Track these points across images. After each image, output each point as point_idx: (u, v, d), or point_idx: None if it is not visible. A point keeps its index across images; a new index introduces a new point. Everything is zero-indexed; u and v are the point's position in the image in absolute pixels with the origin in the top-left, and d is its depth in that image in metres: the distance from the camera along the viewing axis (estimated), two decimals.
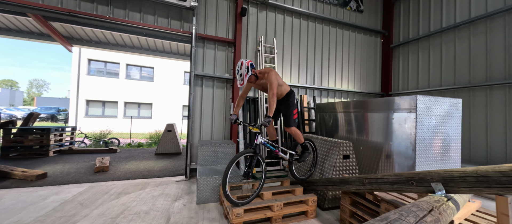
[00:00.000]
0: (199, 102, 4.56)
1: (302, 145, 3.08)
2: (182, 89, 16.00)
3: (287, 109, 2.91)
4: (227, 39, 4.66)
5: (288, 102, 2.91)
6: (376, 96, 6.48)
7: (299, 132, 2.97)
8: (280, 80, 2.82)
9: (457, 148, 2.92)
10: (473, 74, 4.61)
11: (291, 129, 2.87)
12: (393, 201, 2.00)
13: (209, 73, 4.58)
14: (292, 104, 2.93)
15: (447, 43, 5.11)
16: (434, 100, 2.76)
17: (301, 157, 3.03)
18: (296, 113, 3.01)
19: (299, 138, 2.98)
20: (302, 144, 3.06)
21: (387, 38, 6.44)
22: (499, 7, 4.24)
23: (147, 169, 4.89)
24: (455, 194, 1.59)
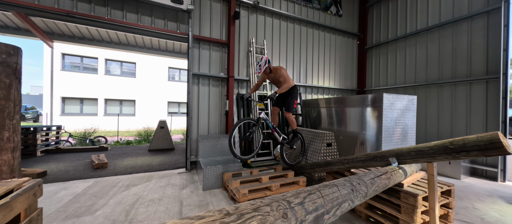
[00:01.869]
0: (196, 99, 4.87)
1: (294, 131, 3.80)
2: (167, 85, 15.75)
3: (290, 99, 3.70)
4: (221, 40, 4.99)
5: (292, 94, 3.72)
6: (353, 92, 7.30)
7: (294, 120, 3.72)
8: (288, 76, 3.72)
9: (412, 134, 3.71)
10: (429, 74, 5.55)
11: (289, 114, 3.65)
12: None
13: (205, 72, 4.90)
14: (295, 96, 3.74)
15: (410, 47, 6.01)
16: (396, 97, 3.48)
17: (291, 141, 3.77)
18: (297, 104, 3.78)
19: (292, 124, 3.71)
20: (294, 130, 3.78)
21: (363, 40, 7.24)
22: (449, 18, 5.15)
23: (146, 164, 5.12)
24: (405, 165, 2.24)
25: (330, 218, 0.91)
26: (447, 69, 5.19)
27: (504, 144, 1.47)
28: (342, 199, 1.00)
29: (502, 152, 1.48)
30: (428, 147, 1.88)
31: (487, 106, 4.48)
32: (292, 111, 3.71)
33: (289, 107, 3.70)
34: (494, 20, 4.40)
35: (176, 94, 16.01)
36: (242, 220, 0.61)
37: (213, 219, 0.56)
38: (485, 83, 4.53)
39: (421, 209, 2.08)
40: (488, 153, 1.54)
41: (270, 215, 0.69)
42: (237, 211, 0.66)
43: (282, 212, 0.73)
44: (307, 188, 1.00)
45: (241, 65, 5.34)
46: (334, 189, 1.05)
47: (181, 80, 16.54)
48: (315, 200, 0.87)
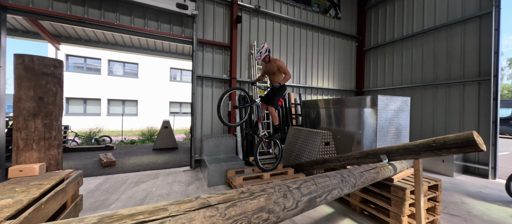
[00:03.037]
0: (200, 100, 5.08)
1: (276, 126, 3.91)
2: (169, 86, 15.97)
3: (278, 95, 3.71)
4: (224, 43, 5.20)
5: (281, 91, 3.74)
6: (351, 93, 7.50)
7: (277, 116, 3.78)
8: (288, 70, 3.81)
9: (406, 134, 3.91)
10: (424, 75, 5.74)
11: (272, 109, 3.68)
12: None
13: (208, 74, 5.10)
14: (281, 94, 3.78)
15: (406, 49, 6.20)
16: (390, 98, 3.68)
17: (272, 135, 3.87)
18: (281, 102, 3.82)
19: (275, 119, 3.78)
20: (276, 125, 3.89)
21: (361, 42, 7.44)
22: (443, 22, 5.34)
23: (152, 162, 5.33)
24: (395, 162, 2.44)
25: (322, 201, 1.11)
26: (442, 71, 5.38)
27: (478, 142, 1.67)
28: (332, 187, 1.20)
29: (476, 149, 1.68)
30: (414, 145, 2.08)
31: (479, 106, 4.67)
32: (276, 107, 3.72)
33: (274, 102, 3.65)
34: (486, 24, 4.59)
35: (178, 94, 16.23)
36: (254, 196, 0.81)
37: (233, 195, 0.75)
38: (478, 85, 4.72)
39: (409, 202, 2.28)
40: (464, 150, 1.74)
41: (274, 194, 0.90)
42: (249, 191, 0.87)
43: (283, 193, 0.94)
44: (304, 178, 1.20)
45: (243, 67, 5.54)
46: (326, 178, 1.26)
47: (182, 81, 16.76)
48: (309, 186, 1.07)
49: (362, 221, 2.64)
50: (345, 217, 2.75)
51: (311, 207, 1.02)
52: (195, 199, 0.75)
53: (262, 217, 0.77)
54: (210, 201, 0.75)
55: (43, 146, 1.19)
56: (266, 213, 0.79)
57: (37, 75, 1.18)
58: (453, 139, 1.80)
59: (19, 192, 1.01)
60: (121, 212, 0.64)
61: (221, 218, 0.68)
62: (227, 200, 0.75)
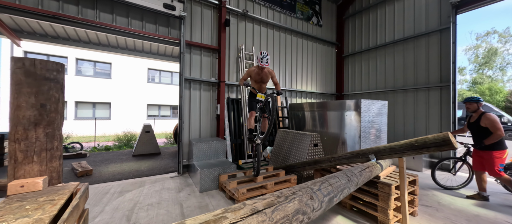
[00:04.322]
0: (187, 103, 4.94)
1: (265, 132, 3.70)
2: (147, 87, 15.11)
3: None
4: (212, 46, 5.15)
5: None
6: (332, 96, 7.96)
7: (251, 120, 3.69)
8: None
9: (385, 135, 4.31)
10: (396, 81, 6.37)
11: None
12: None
13: (196, 77, 5.00)
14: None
15: (380, 57, 6.81)
16: (371, 102, 4.02)
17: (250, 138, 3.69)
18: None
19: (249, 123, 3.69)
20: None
21: (340, 49, 7.96)
22: (411, 34, 6.00)
23: (134, 169, 5.00)
24: (381, 160, 2.69)
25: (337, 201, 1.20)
26: (410, 77, 6.03)
27: (452, 141, 1.95)
28: (343, 187, 1.31)
29: (451, 147, 1.96)
30: (399, 145, 2.32)
31: (441, 109, 5.34)
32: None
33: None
34: (446, 38, 5.28)
35: (156, 96, 15.45)
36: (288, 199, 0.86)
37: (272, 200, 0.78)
38: (440, 90, 5.39)
39: (394, 196, 2.53)
40: (442, 149, 2.01)
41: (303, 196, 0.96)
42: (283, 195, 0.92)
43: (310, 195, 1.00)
44: (319, 179, 1.29)
45: (231, 70, 5.54)
46: (337, 179, 1.36)
47: (161, 82, 16.00)
48: (326, 187, 1.16)
49: (352, 217, 2.84)
50: (337, 214, 2.92)
51: (330, 206, 1.11)
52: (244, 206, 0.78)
53: (299, 219, 0.83)
54: (257, 206, 0.78)
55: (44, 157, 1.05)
56: (301, 215, 0.85)
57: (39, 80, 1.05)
58: (432, 139, 2.06)
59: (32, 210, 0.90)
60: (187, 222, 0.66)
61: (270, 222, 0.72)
62: (269, 204, 0.79)
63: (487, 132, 3.18)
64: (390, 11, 6.53)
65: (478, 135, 3.30)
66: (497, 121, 3.12)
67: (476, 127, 3.33)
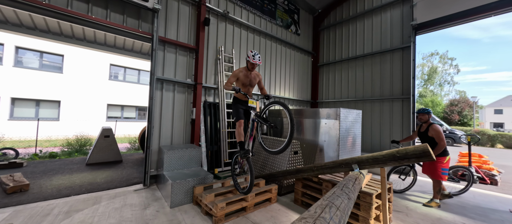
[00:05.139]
0: (159, 106, 4.43)
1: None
2: (108, 85, 13.46)
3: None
4: (189, 45, 4.76)
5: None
6: (307, 103, 8.20)
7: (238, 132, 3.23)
8: None
9: (359, 142, 4.52)
10: (364, 92, 6.86)
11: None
12: (330, 179, 3.05)
13: (170, 77, 4.54)
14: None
15: (351, 68, 7.29)
16: (348, 111, 4.18)
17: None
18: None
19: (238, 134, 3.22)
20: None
21: (316, 58, 8.29)
22: (378, 49, 6.56)
23: (87, 182, 4.23)
24: (363, 170, 2.73)
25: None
26: (377, 89, 6.56)
27: (431, 152, 2.04)
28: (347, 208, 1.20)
29: (430, 158, 2.05)
30: (381, 155, 2.37)
31: (403, 118, 5.90)
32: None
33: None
34: (407, 55, 5.90)
35: (120, 96, 13.87)
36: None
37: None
38: (401, 101, 5.97)
39: (375, 205, 2.57)
40: (421, 159, 2.10)
41: None
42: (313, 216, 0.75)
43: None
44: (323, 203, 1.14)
45: (209, 72, 5.21)
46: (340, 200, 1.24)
47: (126, 80, 14.46)
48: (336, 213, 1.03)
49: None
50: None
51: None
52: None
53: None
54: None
55: None
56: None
57: None
58: (412, 150, 2.14)
59: None
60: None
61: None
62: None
63: (434, 141, 3.59)
64: (360, 27, 7.07)
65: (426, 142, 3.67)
66: (441, 132, 3.57)
67: (425, 136, 3.74)
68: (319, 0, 7.73)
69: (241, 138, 3.19)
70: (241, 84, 3.36)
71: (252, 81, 3.40)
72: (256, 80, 3.47)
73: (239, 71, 3.32)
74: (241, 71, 3.33)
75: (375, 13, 6.68)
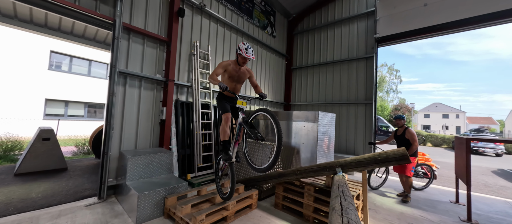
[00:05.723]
0: (121, 104, 3.79)
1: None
2: (48, 76, 11.16)
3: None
4: (160, 36, 4.23)
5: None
6: (281, 105, 8.32)
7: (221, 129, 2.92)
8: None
9: (332, 145, 4.74)
10: (334, 96, 7.32)
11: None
12: (312, 183, 3.06)
13: (136, 72, 3.93)
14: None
15: (322, 73, 7.70)
16: (325, 114, 4.33)
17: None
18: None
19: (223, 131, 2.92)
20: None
21: (289, 61, 8.50)
22: (346, 57, 7.09)
23: (17, 198, 3.32)
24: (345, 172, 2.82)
25: None
26: (344, 93, 7.08)
27: (408, 156, 2.20)
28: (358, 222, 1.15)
29: (407, 161, 2.21)
30: (363, 159, 2.47)
31: (365, 122, 6.49)
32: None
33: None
34: (370, 64, 6.53)
35: (64, 90, 11.67)
36: None
37: None
38: (365, 106, 6.56)
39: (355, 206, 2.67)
40: (400, 162, 2.25)
41: None
42: None
43: None
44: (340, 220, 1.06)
45: (182, 68, 4.74)
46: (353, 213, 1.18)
47: (72, 72, 12.25)
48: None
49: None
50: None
51: None
52: None
53: None
54: None
55: None
56: None
57: None
58: (392, 154, 2.27)
59: None
60: None
61: None
62: None
63: (408, 143, 4.04)
64: (331, 35, 7.53)
65: (401, 144, 4.14)
66: (415, 135, 4.06)
67: (401, 139, 4.19)
68: (294, 5, 7.95)
69: (226, 137, 2.86)
70: (228, 78, 3.00)
71: (241, 77, 3.07)
72: (246, 76, 3.13)
73: (227, 64, 2.96)
74: (229, 64, 2.97)
75: (344, 24, 7.21)
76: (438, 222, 3.27)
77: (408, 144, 4.05)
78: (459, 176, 3.95)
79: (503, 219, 3.51)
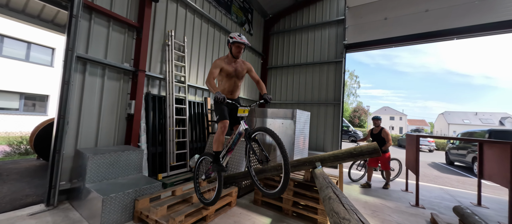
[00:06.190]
0: (78, 94, 3.26)
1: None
2: None
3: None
4: (129, 21, 3.78)
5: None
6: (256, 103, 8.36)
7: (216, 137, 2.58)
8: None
9: (307, 142, 4.99)
10: (306, 96, 7.71)
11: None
12: (292, 178, 3.16)
13: (98, 58, 3.43)
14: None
15: (296, 74, 8.03)
16: (302, 113, 4.52)
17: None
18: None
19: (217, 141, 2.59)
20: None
21: (265, 60, 8.61)
22: (318, 60, 7.54)
23: None
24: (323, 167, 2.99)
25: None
26: (316, 94, 7.53)
27: (379, 150, 2.46)
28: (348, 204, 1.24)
29: (378, 154, 2.46)
30: (341, 153, 2.66)
31: (334, 121, 7.03)
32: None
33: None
34: (339, 67, 7.09)
35: None
36: None
37: None
38: (333, 106, 7.10)
39: None
40: (372, 155, 2.49)
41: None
42: None
43: None
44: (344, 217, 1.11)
45: (154, 58, 4.34)
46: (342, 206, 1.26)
47: (3, 55, 10.03)
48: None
49: (295, 223, 2.92)
50: (282, 223, 2.91)
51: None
52: None
53: None
54: None
55: None
56: None
57: None
58: (366, 148, 2.50)
59: None
60: None
61: None
62: None
63: (384, 141, 4.72)
64: (305, 38, 7.91)
65: (378, 142, 4.69)
66: (390, 134, 4.81)
67: (378, 137, 4.84)
68: (272, 5, 8.08)
69: (219, 148, 2.52)
70: (226, 77, 2.64)
71: (239, 72, 2.69)
72: (244, 70, 2.76)
73: (220, 60, 2.61)
74: (223, 60, 2.63)
75: (317, 28, 7.65)
76: (395, 208, 3.75)
77: (384, 142, 4.69)
78: (409, 168, 4.60)
79: (440, 202, 4.24)
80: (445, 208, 3.89)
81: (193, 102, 5.22)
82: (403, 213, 3.57)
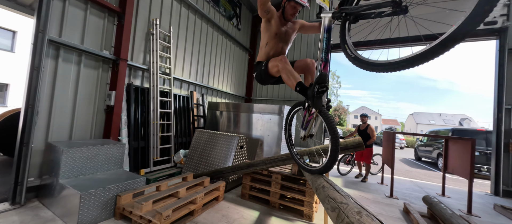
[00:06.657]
0: (50, 82, 2.95)
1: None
2: None
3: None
4: (110, 4, 3.50)
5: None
6: (242, 99, 8.34)
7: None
8: None
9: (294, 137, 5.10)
10: (292, 93, 7.86)
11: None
12: (279, 171, 3.22)
13: (73, 43, 3.13)
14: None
15: None
16: (287, 108, 4.60)
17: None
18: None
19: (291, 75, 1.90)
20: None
21: (252, 56, 8.58)
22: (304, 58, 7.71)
23: None
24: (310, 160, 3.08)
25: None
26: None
27: (363, 144, 2.61)
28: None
29: (362, 148, 2.61)
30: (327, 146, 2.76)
31: None
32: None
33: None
34: None
35: None
36: None
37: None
38: None
39: None
40: (357, 149, 2.63)
41: None
42: None
43: None
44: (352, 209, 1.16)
45: (137, 47, 4.08)
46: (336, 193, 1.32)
47: None
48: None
49: (282, 215, 3.00)
50: (270, 215, 2.96)
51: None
52: None
53: None
54: None
55: None
56: None
57: None
58: (351, 142, 2.64)
59: None
60: None
61: None
62: None
63: (369, 137, 5.14)
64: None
65: (364, 138, 5.06)
66: (375, 131, 5.24)
67: (364, 133, 5.26)
68: None
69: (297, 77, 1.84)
70: (274, 36, 2.14)
71: (289, 35, 2.22)
72: (294, 33, 2.26)
73: (274, 11, 2.10)
74: (277, 13, 2.16)
75: None
76: (372, 199, 4.03)
77: (369, 137, 5.13)
78: (386, 162, 4.95)
79: (411, 193, 4.64)
80: (415, 198, 4.27)
81: (179, 96, 5.04)
82: (380, 203, 3.85)
